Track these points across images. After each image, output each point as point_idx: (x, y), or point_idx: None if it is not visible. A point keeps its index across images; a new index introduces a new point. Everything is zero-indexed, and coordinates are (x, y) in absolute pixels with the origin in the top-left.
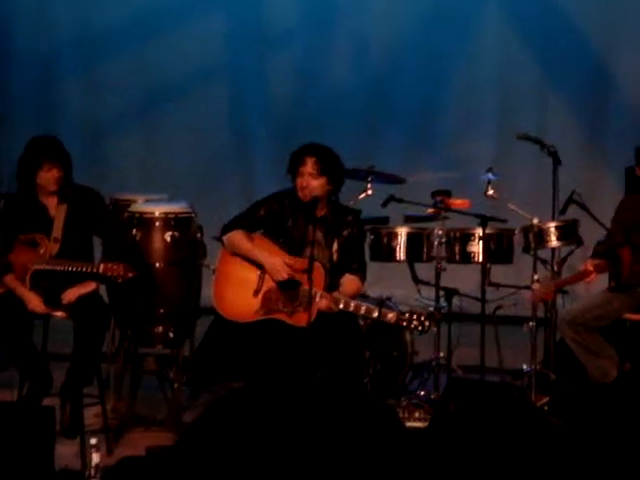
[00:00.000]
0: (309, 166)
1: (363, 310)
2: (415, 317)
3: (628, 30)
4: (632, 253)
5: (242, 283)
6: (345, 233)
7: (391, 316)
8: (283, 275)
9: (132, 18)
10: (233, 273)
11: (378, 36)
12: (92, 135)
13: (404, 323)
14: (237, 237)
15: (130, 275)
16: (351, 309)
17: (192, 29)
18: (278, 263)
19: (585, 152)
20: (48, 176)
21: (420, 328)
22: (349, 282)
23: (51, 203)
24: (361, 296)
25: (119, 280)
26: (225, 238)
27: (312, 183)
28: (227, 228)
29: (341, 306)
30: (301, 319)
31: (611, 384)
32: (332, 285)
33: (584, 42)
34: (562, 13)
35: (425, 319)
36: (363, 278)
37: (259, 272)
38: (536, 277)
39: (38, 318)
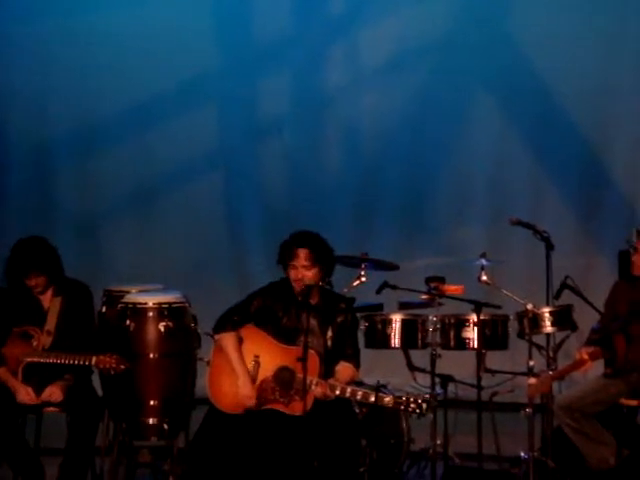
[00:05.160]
0: (302, 258)
1: (360, 395)
2: (412, 400)
3: (622, 117)
4: (626, 340)
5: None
6: (339, 320)
7: (388, 400)
8: (246, 404)
9: (126, 111)
10: (228, 364)
11: (369, 124)
12: (87, 226)
13: (401, 406)
14: (227, 342)
15: (123, 367)
16: (347, 395)
17: (185, 120)
18: (247, 395)
19: (578, 237)
20: (33, 283)
21: (417, 411)
22: (344, 369)
23: (44, 297)
24: (356, 383)
25: (112, 372)
26: (217, 337)
27: (306, 274)
28: (220, 324)
29: (337, 392)
30: (297, 408)
31: (610, 471)
32: (327, 372)
33: (577, 129)
34: (555, 99)
35: (422, 402)
36: (358, 365)
37: (253, 363)
38: (531, 364)
39: (31, 412)
